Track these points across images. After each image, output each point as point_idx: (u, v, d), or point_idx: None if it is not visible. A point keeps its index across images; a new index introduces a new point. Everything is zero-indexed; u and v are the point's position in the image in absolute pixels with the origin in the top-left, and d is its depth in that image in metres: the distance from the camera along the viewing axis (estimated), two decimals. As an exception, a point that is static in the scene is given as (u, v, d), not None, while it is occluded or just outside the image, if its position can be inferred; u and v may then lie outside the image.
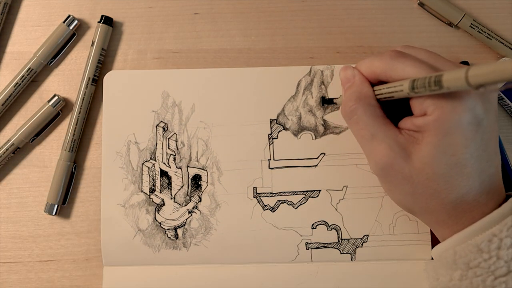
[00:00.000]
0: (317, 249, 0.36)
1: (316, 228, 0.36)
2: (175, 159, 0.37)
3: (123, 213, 0.37)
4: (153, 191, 0.37)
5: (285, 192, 0.37)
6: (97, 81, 0.38)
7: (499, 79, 0.22)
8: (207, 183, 0.37)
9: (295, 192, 0.37)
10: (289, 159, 0.37)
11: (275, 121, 0.37)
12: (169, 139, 0.37)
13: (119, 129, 0.37)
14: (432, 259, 0.34)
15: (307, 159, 0.37)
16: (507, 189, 0.31)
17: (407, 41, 0.39)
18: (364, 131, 0.31)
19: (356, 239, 0.36)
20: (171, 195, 0.37)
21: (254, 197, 0.37)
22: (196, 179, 0.37)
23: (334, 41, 0.39)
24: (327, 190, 0.37)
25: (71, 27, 0.38)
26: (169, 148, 0.37)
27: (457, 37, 0.39)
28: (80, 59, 0.39)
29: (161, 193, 0.37)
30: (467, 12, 0.38)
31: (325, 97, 0.37)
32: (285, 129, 0.37)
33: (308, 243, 0.36)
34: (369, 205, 0.36)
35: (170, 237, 0.37)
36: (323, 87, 0.37)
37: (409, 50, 0.31)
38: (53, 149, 0.38)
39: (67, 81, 0.39)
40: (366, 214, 0.36)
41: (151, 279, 0.36)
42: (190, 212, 0.37)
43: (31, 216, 0.38)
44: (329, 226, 0.36)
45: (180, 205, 0.37)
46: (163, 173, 0.37)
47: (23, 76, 0.38)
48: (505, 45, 0.38)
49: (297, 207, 0.37)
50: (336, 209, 0.36)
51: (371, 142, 0.31)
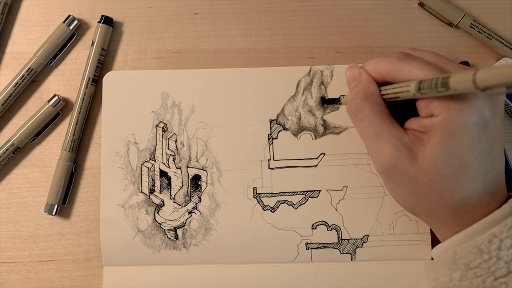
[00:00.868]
0: (317, 249, 0.36)
1: (316, 228, 0.36)
2: (174, 160, 0.37)
3: (122, 213, 0.37)
4: (152, 191, 0.37)
5: (285, 192, 0.37)
6: (97, 81, 0.38)
7: (507, 82, 0.22)
8: (206, 183, 0.37)
9: (295, 192, 0.37)
10: (289, 159, 0.37)
11: (275, 121, 0.37)
12: (168, 139, 0.37)
13: (119, 130, 0.37)
14: (432, 259, 0.34)
15: (307, 159, 0.37)
16: (509, 189, 0.31)
17: (407, 41, 0.39)
18: (369, 129, 0.31)
19: (356, 239, 0.36)
20: (171, 195, 0.37)
21: (254, 198, 0.37)
22: (195, 180, 0.37)
23: (334, 41, 0.39)
24: (327, 190, 0.37)
25: (71, 27, 0.38)
26: (168, 148, 0.37)
27: (457, 37, 0.39)
28: (80, 59, 0.39)
29: (160, 193, 0.37)
30: (467, 12, 0.38)
31: (324, 97, 0.37)
32: (284, 129, 0.37)
33: (308, 243, 0.36)
34: (369, 205, 0.36)
35: (170, 238, 0.37)
36: (322, 87, 0.37)
37: (415, 52, 0.31)
38: (53, 149, 0.38)
39: (67, 81, 0.39)
40: (366, 214, 0.36)
41: (151, 279, 0.36)
42: (190, 212, 0.37)
43: (31, 216, 0.38)
44: (329, 226, 0.36)
45: (179, 205, 0.37)
46: (163, 174, 0.37)
47: (23, 76, 0.38)
48: (505, 45, 0.38)
49: (297, 207, 0.37)
50: (336, 209, 0.36)
51: (376, 141, 0.31)
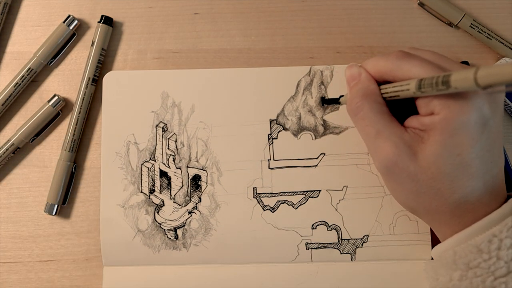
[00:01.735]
0: (317, 249, 0.36)
1: (316, 228, 0.36)
2: (174, 160, 0.37)
3: (122, 213, 0.37)
4: (152, 191, 0.37)
5: (285, 192, 0.37)
6: (97, 81, 0.38)
7: (508, 81, 0.22)
8: (206, 183, 0.37)
9: (295, 192, 0.37)
10: (289, 159, 0.37)
11: (275, 121, 0.37)
12: (168, 139, 0.37)
13: (119, 130, 0.37)
14: (432, 259, 0.34)
15: (307, 159, 0.37)
16: (508, 189, 0.31)
17: (407, 41, 0.39)
18: (369, 128, 0.31)
19: (356, 239, 0.36)
20: (171, 195, 0.37)
21: (254, 198, 0.37)
22: (195, 180, 0.37)
23: (334, 41, 0.39)
24: (327, 190, 0.37)
25: (71, 27, 0.38)
26: (168, 148, 0.37)
27: (457, 37, 0.39)
28: (80, 59, 0.39)
29: (160, 193, 0.37)
30: (467, 12, 0.38)
31: (324, 97, 0.37)
32: (284, 129, 0.37)
33: (308, 243, 0.36)
34: (369, 205, 0.36)
35: (170, 238, 0.37)
36: (322, 87, 0.37)
37: (415, 51, 0.31)
38: (53, 149, 0.38)
39: (67, 81, 0.39)
40: (366, 214, 0.36)
41: (151, 279, 0.36)
42: (189, 212, 0.37)
43: (31, 216, 0.38)
44: (329, 226, 0.36)
45: (179, 205, 0.37)
46: (163, 174, 0.37)
47: (23, 76, 0.38)
48: (505, 45, 0.38)
49: (297, 208, 0.37)
50: (336, 209, 0.36)
51: (376, 139, 0.31)
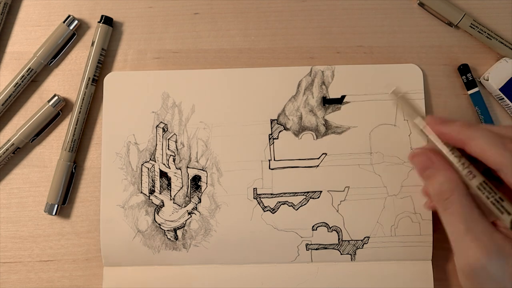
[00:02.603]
0: (317, 250, 0.36)
1: (316, 229, 0.36)
2: (174, 160, 0.37)
3: (122, 214, 0.37)
4: (152, 192, 0.37)
5: (285, 193, 0.37)
6: (97, 81, 0.38)
7: None
8: (206, 184, 0.37)
9: (296, 193, 0.37)
10: (290, 159, 0.37)
11: (276, 121, 0.37)
12: (168, 139, 0.37)
13: (119, 130, 0.37)
14: (432, 259, 0.34)
15: (308, 159, 0.37)
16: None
17: (407, 41, 0.38)
18: (459, 224, 0.28)
19: (356, 240, 0.36)
20: (171, 196, 0.37)
21: (254, 198, 0.37)
22: (195, 180, 0.37)
23: (334, 41, 0.39)
24: (328, 191, 0.37)
25: (71, 27, 0.38)
26: (168, 149, 0.37)
27: (457, 37, 0.39)
28: (80, 59, 0.39)
29: (160, 194, 0.37)
30: (467, 12, 0.38)
31: (326, 97, 0.37)
32: (285, 129, 0.37)
33: (308, 244, 0.36)
34: (371, 206, 0.36)
35: (169, 238, 0.37)
36: (323, 87, 0.37)
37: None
38: (53, 149, 0.38)
39: (67, 81, 0.39)
40: (367, 215, 0.36)
41: (151, 279, 0.36)
42: (189, 213, 0.37)
43: (31, 216, 0.38)
44: (330, 227, 0.36)
45: (179, 206, 0.37)
46: (163, 174, 0.37)
47: (23, 76, 0.38)
48: (505, 45, 0.38)
49: (297, 209, 0.37)
50: (337, 211, 0.36)
51: (465, 237, 0.28)
